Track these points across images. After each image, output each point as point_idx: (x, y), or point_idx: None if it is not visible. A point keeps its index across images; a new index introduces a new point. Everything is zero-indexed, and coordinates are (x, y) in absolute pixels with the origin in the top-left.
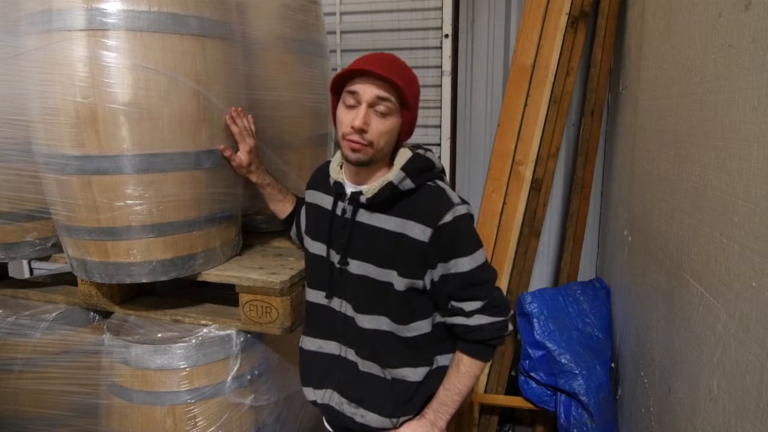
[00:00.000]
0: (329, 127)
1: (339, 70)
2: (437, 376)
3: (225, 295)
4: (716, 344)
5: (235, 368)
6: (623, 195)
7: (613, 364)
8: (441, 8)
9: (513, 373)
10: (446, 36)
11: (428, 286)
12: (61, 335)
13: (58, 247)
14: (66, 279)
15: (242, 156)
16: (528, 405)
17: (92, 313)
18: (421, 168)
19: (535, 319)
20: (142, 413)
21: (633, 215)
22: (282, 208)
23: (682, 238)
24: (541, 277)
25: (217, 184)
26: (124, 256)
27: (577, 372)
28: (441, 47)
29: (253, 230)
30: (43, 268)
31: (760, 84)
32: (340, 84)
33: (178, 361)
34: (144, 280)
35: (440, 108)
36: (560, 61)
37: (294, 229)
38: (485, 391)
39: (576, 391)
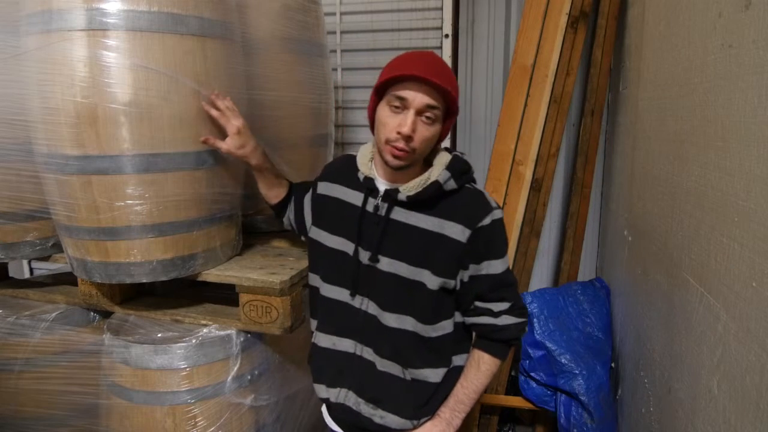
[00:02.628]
0: (329, 127)
1: (339, 70)
2: (454, 376)
3: (225, 295)
4: (716, 344)
5: (235, 368)
6: (623, 195)
7: (613, 364)
8: (441, 8)
9: (513, 373)
10: (446, 36)
11: (458, 286)
12: (61, 335)
13: (58, 247)
14: (66, 279)
15: (230, 140)
16: (528, 405)
17: (92, 313)
18: (462, 170)
19: (535, 319)
20: (143, 413)
21: (633, 215)
22: (276, 193)
23: (682, 238)
24: (541, 277)
25: (217, 184)
26: (125, 256)
27: (577, 372)
28: (441, 47)
29: (253, 230)
30: (43, 268)
31: (760, 84)
32: (386, 85)
33: (178, 361)
34: (144, 280)
35: None
36: (560, 61)
37: (289, 214)
38: (485, 391)
39: (576, 391)
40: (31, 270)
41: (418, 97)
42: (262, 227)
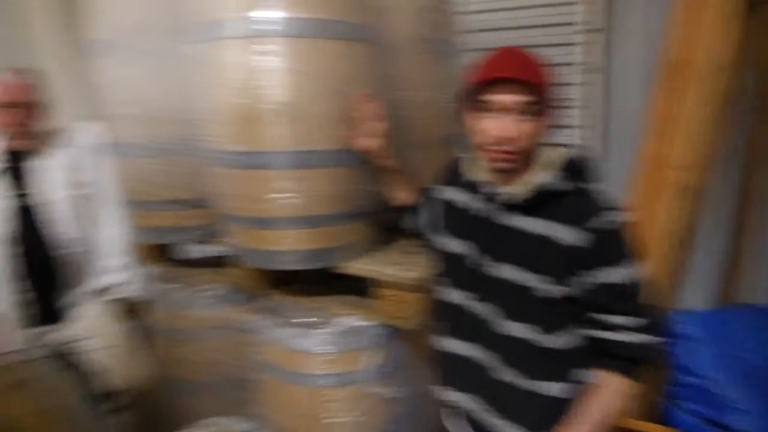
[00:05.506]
0: (462, 127)
1: (466, 69)
2: (579, 392)
3: (362, 288)
4: None
5: (373, 359)
6: None
7: None
8: (578, 2)
9: (661, 400)
10: (589, 30)
11: (575, 294)
12: (219, 312)
13: (219, 233)
14: (223, 262)
15: (371, 141)
16: None
17: (245, 294)
18: (576, 169)
19: (691, 343)
20: (287, 391)
21: None
22: (406, 196)
23: None
24: (698, 295)
25: (360, 181)
26: (276, 244)
27: (742, 407)
28: (580, 43)
29: (389, 227)
30: (203, 250)
31: None
32: (473, 91)
33: (320, 346)
34: (292, 268)
35: (581, 108)
36: (723, 54)
37: (416, 219)
38: (629, 417)
39: (740, 429)
40: (192, 252)
41: (509, 98)
42: (396, 224)
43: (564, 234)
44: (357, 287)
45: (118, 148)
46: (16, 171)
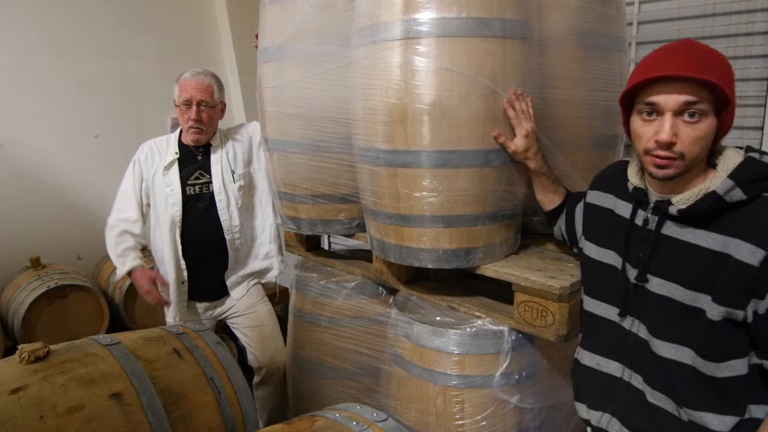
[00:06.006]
0: (620, 128)
1: (633, 64)
2: (749, 430)
3: (495, 291)
4: None
5: (504, 365)
6: None
7: None
8: None
9: None
10: None
11: (750, 318)
12: (357, 302)
13: (360, 227)
14: (360, 255)
15: (518, 141)
16: None
17: (380, 288)
18: (756, 176)
19: None
20: (418, 386)
21: None
22: (551, 199)
23: None
24: None
25: (502, 182)
26: (416, 241)
27: None
28: (764, 33)
29: (529, 231)
30: (339, 243)
31: None
32: (632, 93)
33: (453, 347)
34: (430, 266)
35: (764, 107)
36: None
37: (560, 224)
38: None
39: None
40: (329, 244)
41: (671, 99)
42: (537, 228)
43: (745, 251)
44: (494, 290)
45: (274, 144)
46: (189, 162)
